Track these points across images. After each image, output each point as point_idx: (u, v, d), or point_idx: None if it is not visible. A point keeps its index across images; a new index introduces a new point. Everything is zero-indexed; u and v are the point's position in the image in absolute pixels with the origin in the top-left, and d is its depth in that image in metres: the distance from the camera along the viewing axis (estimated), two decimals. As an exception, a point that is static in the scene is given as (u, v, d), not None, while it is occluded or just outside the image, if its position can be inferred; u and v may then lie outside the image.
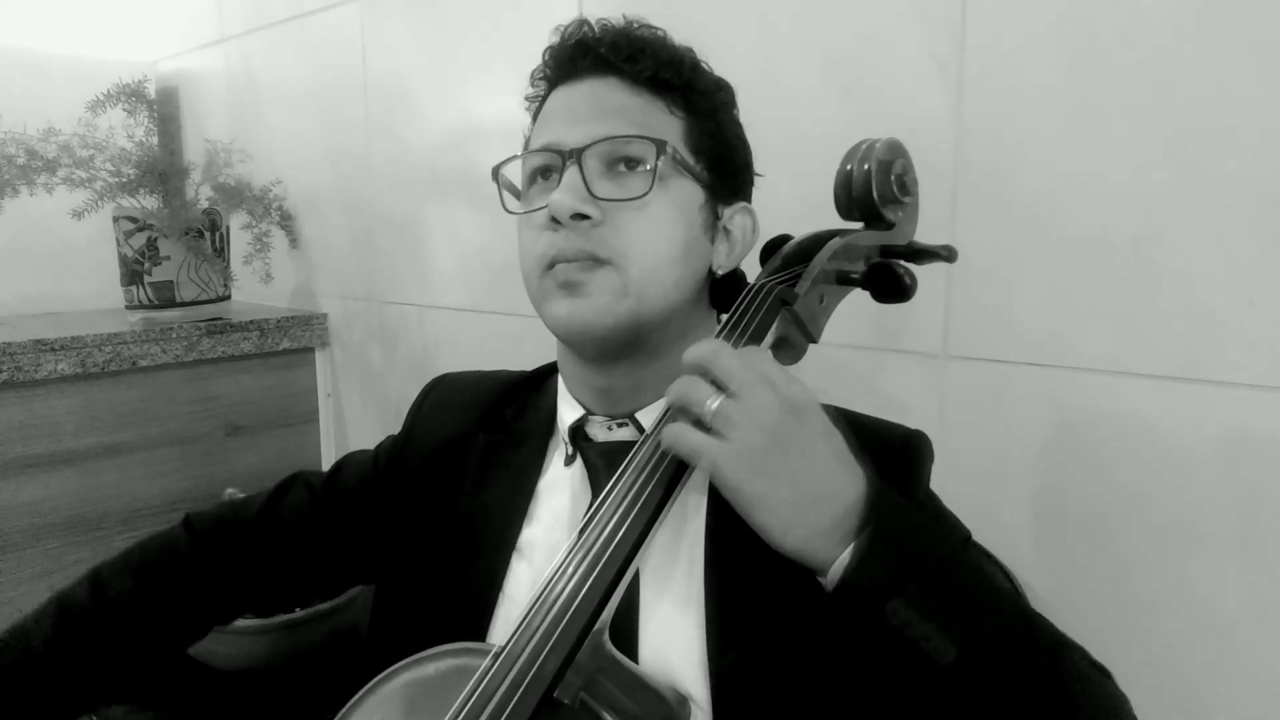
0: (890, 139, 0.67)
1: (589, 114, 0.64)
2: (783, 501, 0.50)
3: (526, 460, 0.73)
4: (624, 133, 0.62)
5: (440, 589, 0.71)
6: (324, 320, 1.84)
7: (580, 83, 0.66)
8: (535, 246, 0.65)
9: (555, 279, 0.63)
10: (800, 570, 0.54)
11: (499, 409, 0.78)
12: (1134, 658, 0.85)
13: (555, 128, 0.65)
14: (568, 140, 0.63)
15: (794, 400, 0.52)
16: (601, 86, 0.65)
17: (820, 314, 0.65)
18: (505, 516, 0.70)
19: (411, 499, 0.76)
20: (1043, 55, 0.85)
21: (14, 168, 1.49)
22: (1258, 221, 0.75)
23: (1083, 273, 0.85)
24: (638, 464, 0.57)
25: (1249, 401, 0.77)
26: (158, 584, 0.78)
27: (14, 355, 1.42)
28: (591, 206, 0.61)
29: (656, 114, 0.65)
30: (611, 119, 0.63)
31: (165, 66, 2.18)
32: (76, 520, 1.52)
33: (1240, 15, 0.75)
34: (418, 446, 0.79)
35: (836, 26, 1.00)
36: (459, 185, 1.49)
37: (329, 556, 0.81)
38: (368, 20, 1.61)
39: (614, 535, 0.55)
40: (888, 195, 0.66)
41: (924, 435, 0.69)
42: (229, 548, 0.81)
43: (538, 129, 0.69)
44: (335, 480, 0.83)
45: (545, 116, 0.68)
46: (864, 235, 0.67)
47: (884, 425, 0.70)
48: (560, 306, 0.63)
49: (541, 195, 0.65)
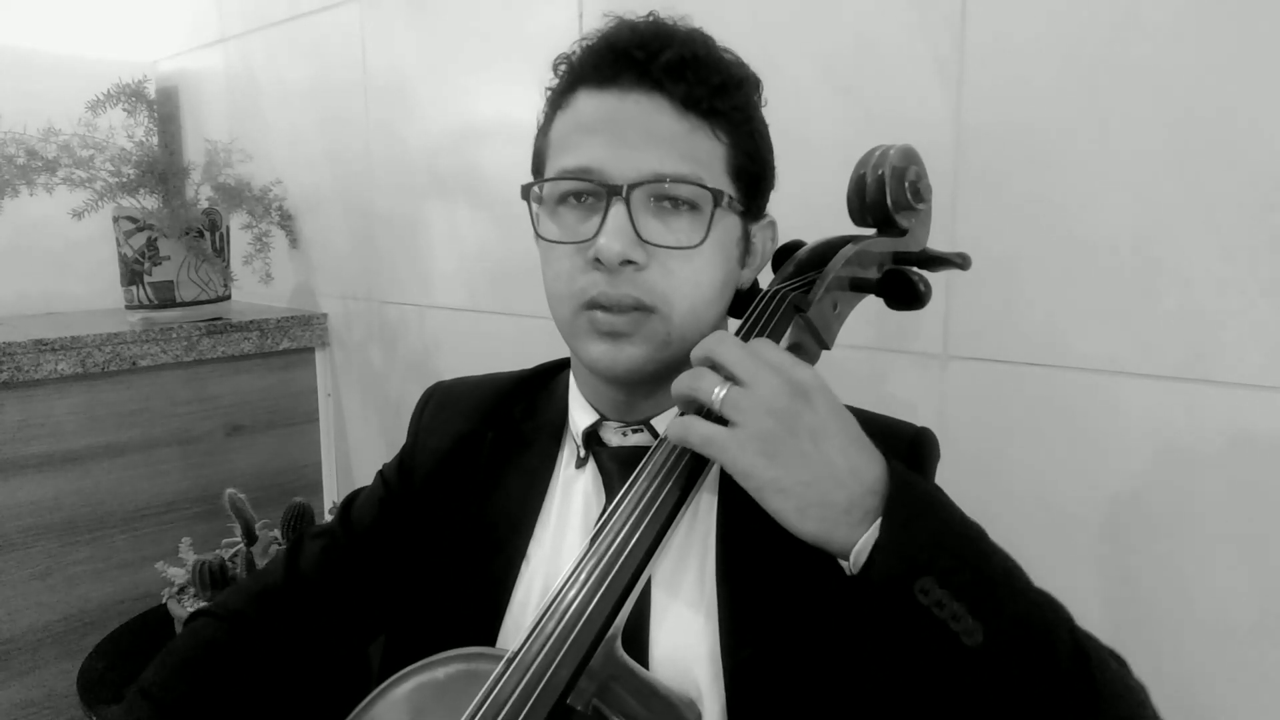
0: (904, 145, 0.67)
1: (637, 141, 0.60)
2: (797, 483, 0.50)
3: (537, 462, 0.72)
4: (677, 172, 0.59)
5: (451, 593, 0.70)
6: (324, 320, 1.84)
7: (622, 97, 0.61)
8: (573, 281, 0.61)
9: (596, 325, 0.61)
10: (814, 563, 0.53)
11: (506, 407, 0.77)
12: (1134, 658, 0.85)
13: (596, 148, 0.60)
14: (612, 170, 0.59)
15: (802, 383, 0.52)
16: (648, 106, 0.60)
17: (834, 320, 0.65)
18: (517, 520, 0.70)
19: (424, 506, 0.75)
20: (1043, 55, 0.85)
21: (14, 168, 1.49)
22: (1257, 221, 0.75)
23: (1083, 273, 0.85)
24: (652, 469, 0.57)
25: (1249, 401, 0.77)
26: (213, 677, 0.73)
27: (14, 355, 1.42)
28: (640, 252, 0.59)
29: (702, 141, 0.61)
30: (660, 150, 0.59)
31: (165, 66, 2.18)
32: (76, 520, 1.51)
33: (1240, 15, 0.75)
34: (424, 454, 0.78)
35: (836, 27, 1.00)
36: (459, 185, 1.49)
37: (375, 592, 0.77)
38: (368, 20, 1.61)
39: (628, 541, 0.55)
40: (901, 202, 0.66)
41: (930, 433, 0.69)
42: (270, 620, 0.76)
43: (570, 137, 0.63)
44: (349, 519, 0.80)
45: (581, 126, 0.62)
46: (877, 242, 0.67)
47: (891, 422, 0.70)
48: (600, 351, 0.61)
49: (579, 222, 0.61)
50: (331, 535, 0.80)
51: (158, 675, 0.72)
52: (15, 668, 1.47)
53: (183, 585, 1.28)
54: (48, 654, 1.50)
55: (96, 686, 1.22)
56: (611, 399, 0.68)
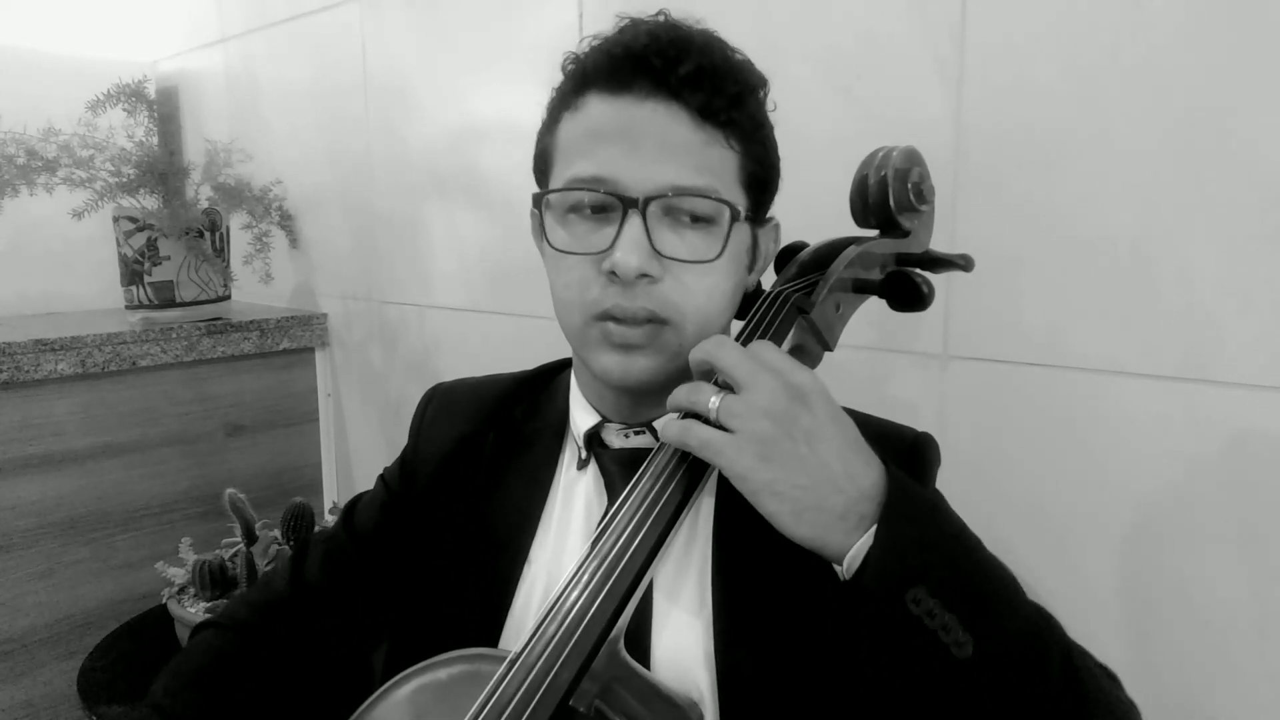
0: (907, 147, 0.67)
1: (653, 151, 0.58)
2: (793, 486, 0.50)
3: (539, 463, 0.72)
4: (694, 185, 0.58)
5: (453, 594, 0.70)
6: (324, 320, 1.84)
7: (638, 104, 0.59)
8: (585, 292, 0.60)
9: (609, 336, 0.60)
10: (810, 568, 0.53)
11: (507, 408, 0.76)
12: (1134, 658, 0.85)
13: (610, 157, 0.59)
14: (628, 181, 0.58)
15: (800, 386, 0.52)
16: (664, 115, 0.58)
17: (836, 322, 0.65)
18: (519, 522, 0.70)
19: (426, 508, 0.75)
20: (1043, 55, 0.85)
21: (14, 168, 1.49)
22: (1257, 221, 0.75)
23: (1083, 273, 0.85)
24: (654, 470, 0.57)
25: (1249, 401, 0.77)
26: (223, 688, 0.72)
27: (14, 355, 1.42)
28: (656, 265, 0.58)
29: (717, 151, 0.60)
30: (677, 161, 0.58)
31: (165, 66, 2.18)
32: (76, 520, 1.51)
33: (1240, 15, 0.75)
34: (426, 456, 0.78)
35: (836, 27, 1.00)
36: (459, 185, 1.49)
37: (381, 597, 0.77)
38: (368, 20, 1.61)
39: (630, 543, 0.54)
40: (904, 203, 0.66)
41: (931, 438, 0.69)
42: (277, 629, 0.76)
43: (581, 142, 0.61)
44: (352, 523, 0.80)
45: (593, 133, 0.60)
46: (880, 243, 0.66)
47: (891, 426, 0.69)
48: (612, 362, 0.61)
49: (591, 232, 0.60)
50: (335, 541, 0.79)
51: (168, 688, 0.71)
52: (15, 668, 1.47)
53: (183, 585, 1.28)
54: (48, 654, 1.50)
55: (96, 686, 1.22)
56: (614, 401, 0.68)
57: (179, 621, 1.23)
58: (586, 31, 0.65)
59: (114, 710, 1.16)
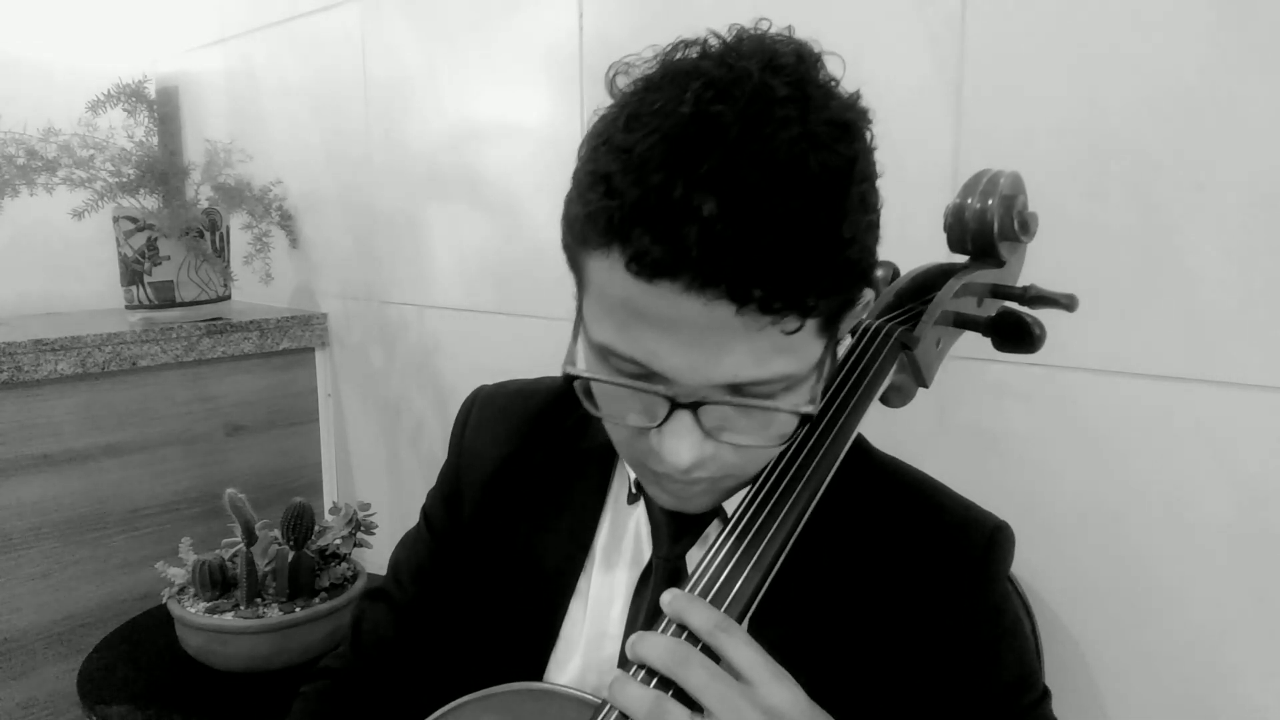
0: (1013, 173, 0.62)
1: (706, 346, 0.46)
2: None
3: (588, 491, 0.69)
4: (757, 377, 0.47)
5: (498, 624, 0.69)
6: (324, 320, 1.84)
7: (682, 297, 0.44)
8: (632, 448, 0.56)
9: (663, 486, 0.57)
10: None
11: (555, 423, 0.72)
12: (1134, 657, 0.85)
13: (652, 342, 0.47)
14: (677, 376, 0.48)
15: (775, 711, 0.47)
16: (719, 313, 0.44)
17: (935, 359, 0.60)
18: (570, 552, 0.67)
19: (473, 538, 0.73)
20: (1043, 55, 0.85)
21: (14, 168, 1.49)
22: (1258, 221, 0.75)
23: (1083, 273, 0.85)
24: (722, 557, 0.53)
25: (1249, 401, 0.77)
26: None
27: (14, 355, 1.42)
28: (711, 447, 0.51)
29: (791, 323, 0.46)
30: (737, 354, 0.46)
31: (165, 67, 2.18)
32: (76, 520, 1.51)
33: (1240, 15, 0.75)
34: (471, 480, 0.74)
35: (835, 27, 0.99)
36: (459, 185, 1.49)
37: (451, 640, 0.74)
38: (368, 20, 1.61)
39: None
40: (1008, 232, 0.62)
41: (1009, 531, 0.63)
42: (354, 703, 0.74)
43: (615, 311, 0.48)
44: (401, 579, 0.77)
45: (628, 307, 0.47)
46: (981, 274, 0.62)
47: (968, 515, 0.63)
48: (667, 500, 0.58)
49: (635, 399, 0.52)
50: (389, 597, 0.77)
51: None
52: (15, 668, 1.47)
53: (183, 585, 1.28)
54: (48, 654, 1.50)
55: (96, 686, 1.22)
56: None
57: (179, 621, 1.23)
58: (587, 32, 0.63)
59: (114, 710, 1.17)
